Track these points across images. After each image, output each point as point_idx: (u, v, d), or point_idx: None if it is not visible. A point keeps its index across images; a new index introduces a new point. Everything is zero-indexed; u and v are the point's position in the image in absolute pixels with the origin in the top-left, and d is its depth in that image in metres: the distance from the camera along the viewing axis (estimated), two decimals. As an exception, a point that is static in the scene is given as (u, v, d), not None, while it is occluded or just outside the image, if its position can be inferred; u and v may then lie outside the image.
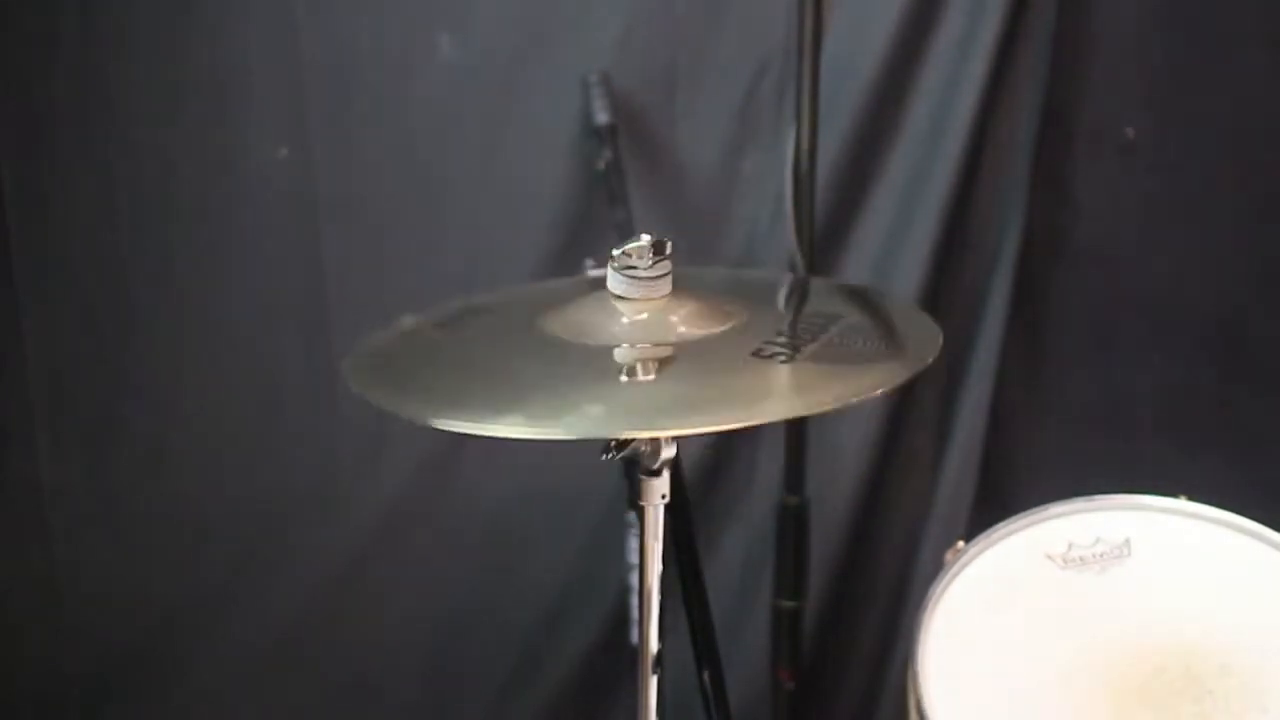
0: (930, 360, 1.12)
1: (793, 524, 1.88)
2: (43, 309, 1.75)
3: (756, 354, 1.10)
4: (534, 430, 1.00)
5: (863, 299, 1.38)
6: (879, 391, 1.08)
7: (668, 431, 1.10)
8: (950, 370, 2.01)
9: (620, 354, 1.11)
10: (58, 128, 1.72)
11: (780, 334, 1.15)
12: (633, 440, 1.09)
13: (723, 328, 1.16)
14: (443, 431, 1.00)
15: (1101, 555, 1.47)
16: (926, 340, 1.17)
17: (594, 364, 1.10)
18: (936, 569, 1.49)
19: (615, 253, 1.14)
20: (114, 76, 1.72)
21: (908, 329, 1.23)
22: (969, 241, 1.98)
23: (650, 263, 1.14)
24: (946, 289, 1.98)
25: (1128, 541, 1.48)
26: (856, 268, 1.95)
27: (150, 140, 1.75)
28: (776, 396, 1.08)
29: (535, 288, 1.51)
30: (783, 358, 1.09)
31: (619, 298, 1.15)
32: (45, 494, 1.81)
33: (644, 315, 1.15)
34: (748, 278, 1.70)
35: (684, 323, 1.15)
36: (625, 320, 1.15)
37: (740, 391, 1.07)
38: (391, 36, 1.79)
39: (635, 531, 1.54)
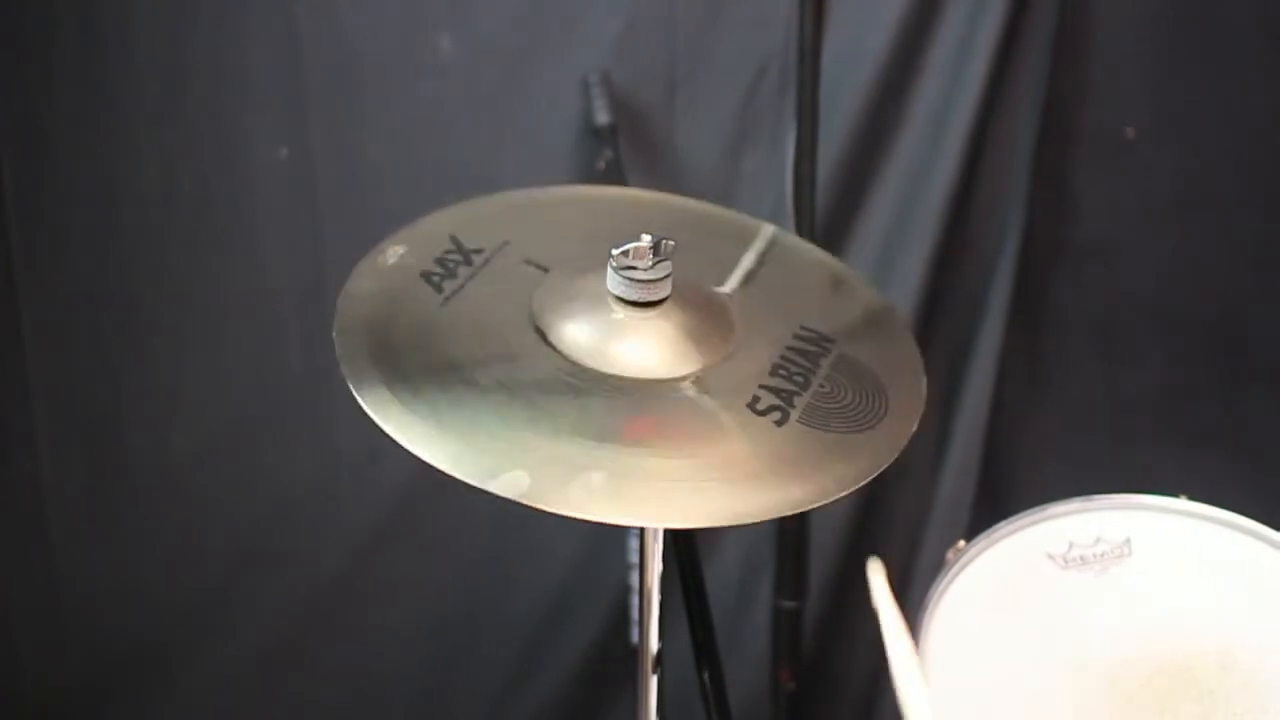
0: (914, 427, 1.18)
1: (793, 524, 1.87)
2: (43, 309, 1.75)
3: (751, 407, 1.11)
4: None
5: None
6: (861, 483, 1.11)
7: (661, 523, 1.12)
8: (950, 370, 2.01)
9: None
10: (58, 127, 1.71)
11: (775, 372, 1.15)
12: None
13: (718, 354, 1.15)
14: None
15: (1102, 555, 1.47)
16: (911, 387, 1.20)
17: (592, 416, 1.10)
18: (936, 569, 1.49)
19: (615, 252, 1.14)
20: (114, 76, 1.72)
21: (892, 366, 1.25)
22: (969, 241, 1.98)
23: (650, 264, 1.14)
24: (946, 289, 1.98)
25: (1128, 541, 1.48)
26: (856, 267, 1.95)
27: (150, 139, 1.75)
28: (770, 487, 1.08)
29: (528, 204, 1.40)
30: (777, 417, 1.11)
31: (618, 299, 1.15)
32: (45, 494, 1.81)
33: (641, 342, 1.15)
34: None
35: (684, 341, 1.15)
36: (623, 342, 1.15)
37: (734, 469, 1.07)
38: (391, 36, 1.79)
39: (635, 531, 1.55)
